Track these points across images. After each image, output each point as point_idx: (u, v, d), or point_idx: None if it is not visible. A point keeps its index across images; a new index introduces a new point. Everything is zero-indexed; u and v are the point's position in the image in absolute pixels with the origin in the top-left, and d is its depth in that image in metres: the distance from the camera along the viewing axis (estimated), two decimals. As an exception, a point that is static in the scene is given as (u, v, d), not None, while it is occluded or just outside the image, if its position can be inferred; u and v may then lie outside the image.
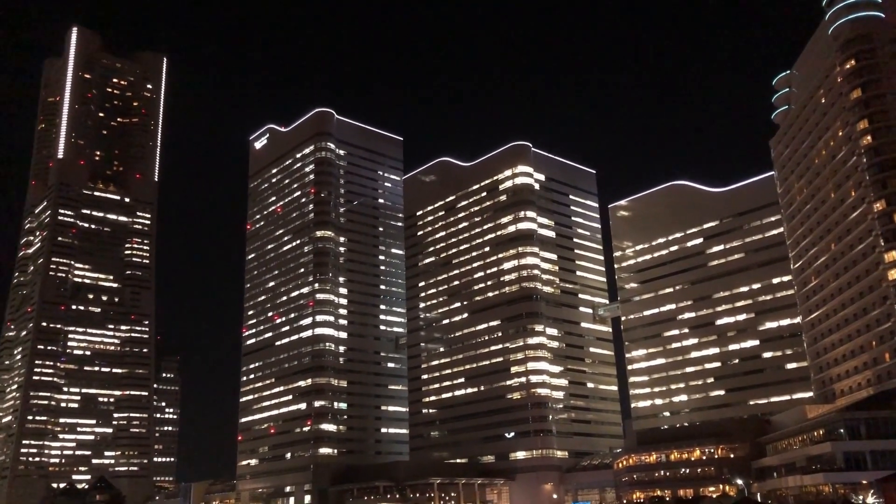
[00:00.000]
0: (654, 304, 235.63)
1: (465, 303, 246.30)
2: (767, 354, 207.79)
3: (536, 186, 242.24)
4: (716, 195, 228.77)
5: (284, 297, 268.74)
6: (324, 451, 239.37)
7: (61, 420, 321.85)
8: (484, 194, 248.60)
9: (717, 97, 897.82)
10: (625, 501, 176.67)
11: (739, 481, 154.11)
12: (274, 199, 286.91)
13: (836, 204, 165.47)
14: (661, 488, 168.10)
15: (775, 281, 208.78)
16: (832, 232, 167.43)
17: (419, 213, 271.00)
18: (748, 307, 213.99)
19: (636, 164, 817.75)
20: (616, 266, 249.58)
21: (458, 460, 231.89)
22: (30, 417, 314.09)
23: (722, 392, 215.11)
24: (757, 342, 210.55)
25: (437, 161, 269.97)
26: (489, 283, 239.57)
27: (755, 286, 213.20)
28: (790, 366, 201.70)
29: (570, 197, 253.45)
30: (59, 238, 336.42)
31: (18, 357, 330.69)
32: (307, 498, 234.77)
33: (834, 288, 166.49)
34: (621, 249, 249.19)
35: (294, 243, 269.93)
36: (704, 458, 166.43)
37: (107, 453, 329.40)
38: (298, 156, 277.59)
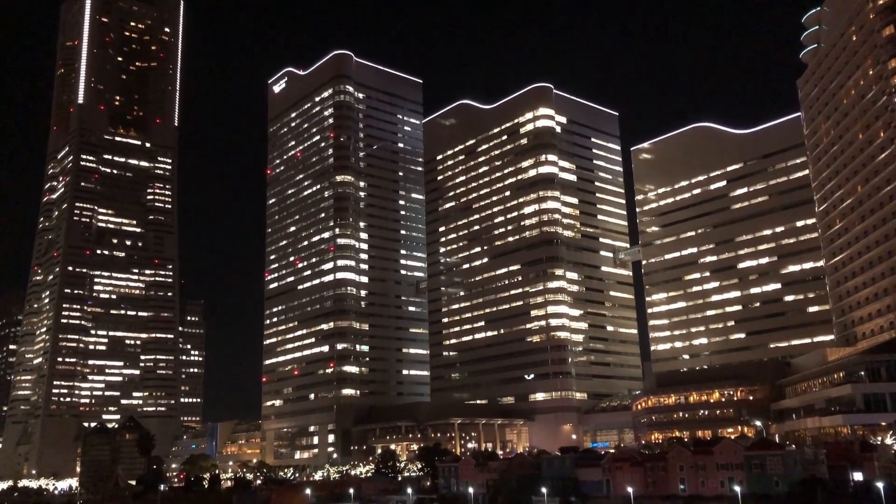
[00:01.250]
0: (676, 248, 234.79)
1: (485, 247, 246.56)
2: (789, 298, 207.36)
3: (558, 129, 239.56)
4: (740, 137, 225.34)
5: (305, 242, 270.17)
6: (346, 392, 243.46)
7: (90, 362, 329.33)
8: (504, 138, 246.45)
9: (744, 36, 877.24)
10: (643, 442, 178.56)
11: (758, 423, 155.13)
12: (293, 143, 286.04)
13: (864, 145, 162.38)
14: (680, 429, 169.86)
15: (799, 224, 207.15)
16: (859, 174, 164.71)
17: (439, 157, 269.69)
18: (771, 250, 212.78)
19: (660, 106, 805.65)
20: (638, 209, 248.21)
21: (479, 401, 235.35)
22: (59, 359, 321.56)
23: (742, 335, 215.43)
24: (779, 285, 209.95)
25: (457, 104, 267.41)
26: (510, 227, 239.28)
27: (778, 229, 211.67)
28: (812, 309, 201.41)
29: (592, 140, 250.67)
30: (83, 183, 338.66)
31: (46, 301, 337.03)
32: (331, 437, 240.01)
33: (859, 230, 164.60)
34: (643, 193, 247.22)
35: (314, 188, 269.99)
36: (723, 400, 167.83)
37: (135, 394, 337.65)
38: (317, 99, 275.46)
